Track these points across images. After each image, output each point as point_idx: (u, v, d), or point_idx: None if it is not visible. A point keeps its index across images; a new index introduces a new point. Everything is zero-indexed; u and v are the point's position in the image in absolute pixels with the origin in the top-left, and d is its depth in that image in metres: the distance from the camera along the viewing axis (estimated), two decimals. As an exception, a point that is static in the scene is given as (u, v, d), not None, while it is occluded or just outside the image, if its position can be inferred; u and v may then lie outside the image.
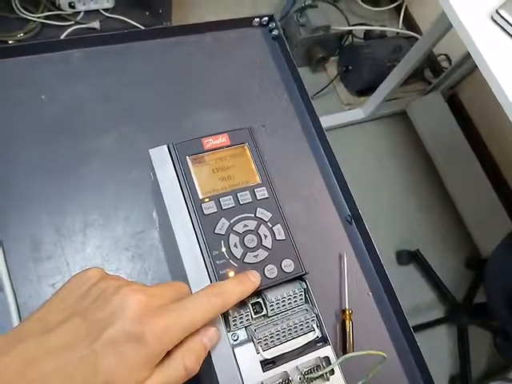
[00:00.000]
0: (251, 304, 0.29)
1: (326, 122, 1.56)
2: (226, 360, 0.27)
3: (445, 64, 1.72)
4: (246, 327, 0.28)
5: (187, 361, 0.24)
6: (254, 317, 0.28)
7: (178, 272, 0.31)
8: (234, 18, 0.61)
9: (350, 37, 1.69)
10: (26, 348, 0.21)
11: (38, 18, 1.30)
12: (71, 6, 1.31)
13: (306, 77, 1.80)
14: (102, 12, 1.36)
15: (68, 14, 1.33)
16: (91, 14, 1.36)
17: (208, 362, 0.27)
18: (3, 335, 0.22)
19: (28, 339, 0.22)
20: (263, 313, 0.29)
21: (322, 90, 1.63)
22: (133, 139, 0.52)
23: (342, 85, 1.71)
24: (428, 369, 0.48)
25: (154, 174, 0.31)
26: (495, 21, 0.85)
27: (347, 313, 0.49)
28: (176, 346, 0.24)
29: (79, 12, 1.35)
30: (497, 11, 0.84)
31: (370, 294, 0.51)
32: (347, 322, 0.48)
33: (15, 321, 0.40)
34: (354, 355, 0.28)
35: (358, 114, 1.64)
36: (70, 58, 0.55)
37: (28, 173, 0.48)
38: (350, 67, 1.64)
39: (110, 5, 1.36)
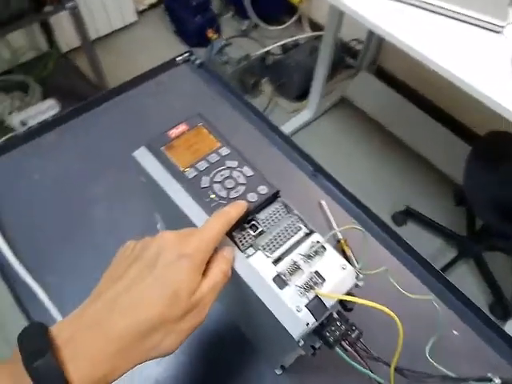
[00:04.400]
0: (249, 227, 0.37)
1: (288, 127, 1.71)
2: (246, 267, 0.35)
3: (359, 46, 1.90)
4: (251, 245, 0.36)
5: (221, 266, 0.32)
6: (253, 234, 0.37)
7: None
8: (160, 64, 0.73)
9: (270, 56, 1.86)
10: (105, 297, 0.29)
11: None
12: (23, 124, 1.44)
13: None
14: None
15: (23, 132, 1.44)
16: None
17: (235, 278, 0.35)
18: (86, 300, 0.30)
19: (107, 290, 0.29)
20: (260, 230, 0.37)
21: (266, 109, 1.77)
22: (119, 180, 0.61)
23: (281, 98, 1.86)
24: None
25: (144, 170, 0.40)
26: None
27: (342, 242, 0.57)
28: (209, 261, 0.32)
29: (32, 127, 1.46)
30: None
31: (356, 221, 0.60)
32: (345, 248, 0.56)
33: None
34: (335, 232, 0.36)
35: (305, 115, 1.78)
36: (48, 140, 0.66)
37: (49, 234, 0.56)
38: (282, 80, 1.79)
39: (56, 110, 1.49)
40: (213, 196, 0.37)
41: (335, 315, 0.36)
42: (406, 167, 1.71)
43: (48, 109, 1.43)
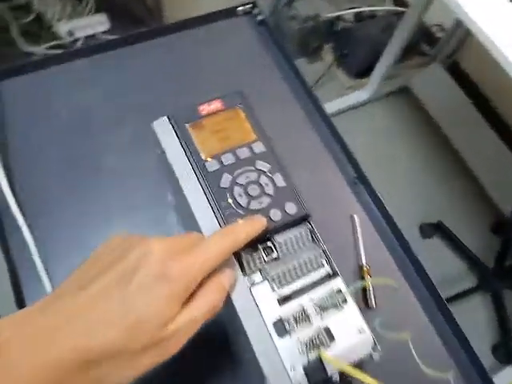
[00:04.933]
0: (262, 248, 0.31)
1: (329, 107, 1.58)
2: (244, 299, 0.29)
3: (440, 34, 1.71)
4: (260, 270, 0.30)
5: (210, 297, 0.26)
6: (265, 259, 0.30)
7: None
8: (218, 10, 0.64)
9: (341, 22, 1.70)
10: (63, 305, 0.24)
11: (41, 50, 1.36)
12: (70, 33, 1.37)
13: (303, 68, 1.82)
14: (100, 35, 1.42)
15: (68, 42, 1.39)
16: (90, 39, 1.42)
17: (230, 304, 0.29)
18: (46, 297, 0.25)
19: (65, 296, 0.24)
20: (274, 255, 0.31)
21: (321, 78, 1.65)
22: (142, 133, 0.55)
23: (340, 70, 1.72)
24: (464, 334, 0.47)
25: (160, 145, 0.33)
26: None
27: (365, 269, 0.50)
28: (199, 286, 0.26)
29: (78, 39, 1.40)
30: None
31: (387, 250, 0.52)
32: (366, 277, 0.50)
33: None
34: (364, 283, 0.30)
35: (360, 95, 1.65)
36: (79, 67, 0.59)
37: (51, 174, 0.51)
38: (346, 51, 1.65)
39: (105, 27, 1.42)
40: (230, 201, 0.31)
41: (334, 378, 0.30)
42: (451, 178, 1.59)
43: (98, 24, 1.35)
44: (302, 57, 1.70)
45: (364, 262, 0.50)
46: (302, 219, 0.31)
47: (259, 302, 0.29)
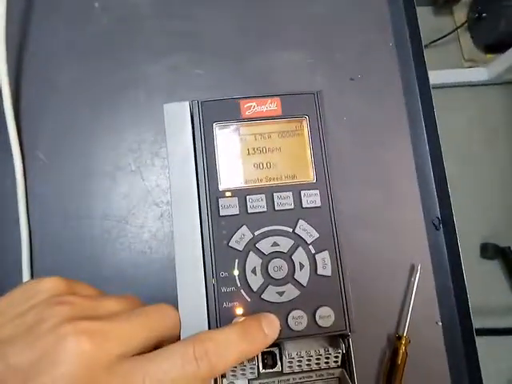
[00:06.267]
0: (262, 353, 0.20)
1: (438, 77, 1.32)
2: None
3: None
4: (249, 380, 0.20)
5: None
6: (262, 371, 0.20)
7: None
8: None
9: (495, -25, 1.36)
10: None
11: None
12: None
13: (425, 19, 1.52)
14: None
15: None
16: None
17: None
18: None
19: None
20: (276, 368, 0.20)
21: (441, 38, 1.37)
22: (187, 72, 0.43)
23: (468, 35, 1.42)
24: None
25: (166, 140, 0.22)
26: None
27: (403, 341, 0.38)
28: None
29: None
30: None
31: (440, 323, 0.40)
32: (400, 351, 0.38)
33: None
34: None
35: (480, 73, 1.37)
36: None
37: (61, 95, 0.41)
38: (484, 15, 1.35)
39: None
40: (236, 273, 0.19)
41: None
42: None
43: None
44: (428, 5, 1.40)
45: (406, 332, 0.39)
46: (339, 336, 0.20)
47: None
